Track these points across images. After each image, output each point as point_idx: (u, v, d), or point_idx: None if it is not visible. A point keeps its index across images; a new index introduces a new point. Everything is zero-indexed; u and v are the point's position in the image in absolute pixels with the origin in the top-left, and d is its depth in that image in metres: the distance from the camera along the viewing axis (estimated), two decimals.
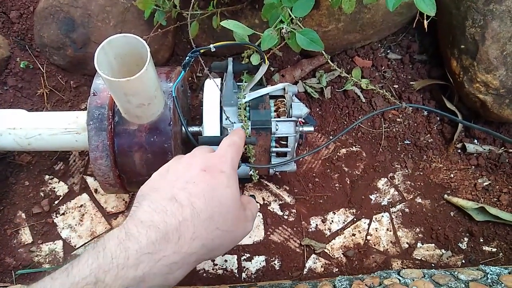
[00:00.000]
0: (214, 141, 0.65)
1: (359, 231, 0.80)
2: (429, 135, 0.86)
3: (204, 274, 0.76)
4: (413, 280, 0.56)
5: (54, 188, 0.83)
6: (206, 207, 0.42)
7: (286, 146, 0.69)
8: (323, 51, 0.62)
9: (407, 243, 0.79)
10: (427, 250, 0.78)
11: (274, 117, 0.68)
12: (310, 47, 0.59)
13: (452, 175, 0.83)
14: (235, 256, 0.78)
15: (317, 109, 0.88)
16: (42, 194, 0.82)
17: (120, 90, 0.54)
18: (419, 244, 0.79)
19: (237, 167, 0.49)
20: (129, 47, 0.55)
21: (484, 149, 0.84)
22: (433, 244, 0.79)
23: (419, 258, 0.78)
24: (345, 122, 0.87)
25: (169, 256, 0.39)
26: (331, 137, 0.86)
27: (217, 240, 0.43)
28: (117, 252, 0.37)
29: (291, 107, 0.68)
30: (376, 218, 0.81)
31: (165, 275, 0.39)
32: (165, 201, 0.42)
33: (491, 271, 0.56)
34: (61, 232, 0.80)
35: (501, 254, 0.78)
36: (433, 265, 0.77)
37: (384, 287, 0.56)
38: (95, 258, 0.37)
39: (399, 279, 0.58)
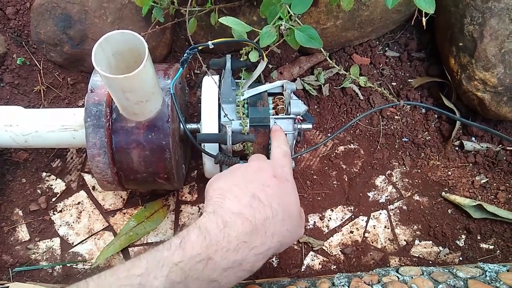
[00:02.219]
0: (212, 138, 0.65)
1: (357, 228, 0.80)
2: (427, 132, 0.86)
3: None
4: (412, 277, 0.56)
5: (52, 185, 0.82)
6: (281, 209, 0.48)
7: None
8: (321, 48, 0.61)
9: (404, 240, 0.79)
10: (425, 248, 0.79)
11: (272, 115, 0.68)
12: (309, 44, 0.59)
13: (449, 173, 0.84)
14: None
15: (315, 107, 0.88)
16: (39, 191, 0.82)
17: (118, 87, 0.54)
18: (416, 242, 0.79)
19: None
20: (127, 44, 0.54)
21: (482, 146, 0.84)
22: (431, 242, 0.79)
23: (417, 256, 0.78)
24: (343, 120, 0.87)
25: (258, 247, 0.44)
26: (329, 135, 0.86)
27: (285, 239, 0.49)
28: (219, 236, 0.42)
29: (289, 104, 0.68)
30: (374, 216, 0.81)
31: (253, 263, 0.45)
32: (248, 197, 0.47)
33: (490, 268, 0.56)
34: (58, 229, 0.80)
35: (498, 251, 0.78)
36: (430, 262, 0.77)
37: (382, 285, 0.56)
38: (203, 239, 0.42)
39: (397, 276, 0.58)
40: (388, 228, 0.80)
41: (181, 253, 0.40)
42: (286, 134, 0.67)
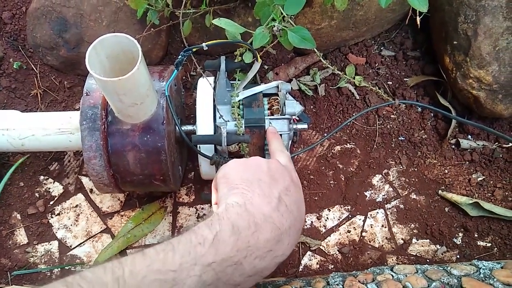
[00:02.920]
0: (207, 140, 0.65)
1: (354, 227, 0.80)
2: (423, 131, 0.86)
3: None
4: (406, 276, 0.56)
5: (49, 188, 0.83)
6: (299, 216, 0.49)
7: None
8: (315, 49, 0.62)
9: (402, 239, 0.79)
10: (422, 246, 0.79)
11: (268, 115, 0.68)
12: (302, 45, 0.59)
13: (446, 171, 0.84)
14: None
15: (311, 107, 0.88)
16: (37, 194, 0.82)
17: (112, 89, 0.54)
18: (414, 240, 0.79)
19: None
20: (121, 47, 0.55)
21: (478, 144, 0.84)
22: (428, 240, 0.79)
23: (414, 254, 0.78)
24: (339, 119, 0.87)
25: (279, 257, 0.45)
26: (325, 135, 0.86)
27: (293, 247, 0.48)
28: (251, 241, 0.42)
29: (285, 105, 0.68)
30: (371, 215, 0.81)
31: (270, 271, 0.45)
32: (276, 200, 0.47)
33: (484, 265, 0.56)
34: (56, 232, 0.80)
35: (495, 248, 0.78)
36: (428, 260, 0.78)
37: (377, 283, 0.56)
38: (236, 240, 0.41)
39: (392, 275, 0.58)
40: (385, 227, 0.80)
41: (214, 253, 0.40)
42: (281, 134, 0.67)
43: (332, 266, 0.77)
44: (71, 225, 0.80)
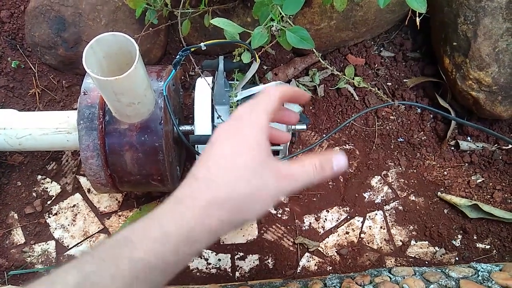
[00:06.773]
0: (205, 140, 0.64)
1: (352, 229, 0.80)
2: (422, 132, 0.86)
3: (198, 273, 0.76)
4: (404, 278, 0.56)
5: (47, 188, 0.82)
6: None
7: (278, 144, 0.69)
8: (314, 49, 0.61)
9: (400, 240, 0.79)
10: (421, 248, 0.78)
11: None
12: (300, 45, 0.59)
13: (445, 173, 0.83)
14: (229, 255, 0.77)
15: (310, 107, 0.88)
16: (34, 194, 0.82)
17: (110, 89, 0.54)
18: (412, 242, 0.79)
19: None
20: (119, 46, 0.54)
21: (477, 146, 0.84)
22: (427, 242, 0.79)
23: (413, 256, 0.78)
24: (339, 120, 0.87)
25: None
26: (324, 135, 0.86)
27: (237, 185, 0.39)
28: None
29: (284, 105, 0.68)
30: (369, 216, 0.81)
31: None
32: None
33: (482, 268, 0.56)
34: (53, 232, 0.80)
35: (494, 251, 0.78)
36: (426, 262, 0.77)
37: (374, 285, 0.56)
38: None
39: (390, 277, 0.58)
40: (384, 229, 0.80)
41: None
42: None
43: (330, 268, 0.77)
44: (69, 225, 0.80)
